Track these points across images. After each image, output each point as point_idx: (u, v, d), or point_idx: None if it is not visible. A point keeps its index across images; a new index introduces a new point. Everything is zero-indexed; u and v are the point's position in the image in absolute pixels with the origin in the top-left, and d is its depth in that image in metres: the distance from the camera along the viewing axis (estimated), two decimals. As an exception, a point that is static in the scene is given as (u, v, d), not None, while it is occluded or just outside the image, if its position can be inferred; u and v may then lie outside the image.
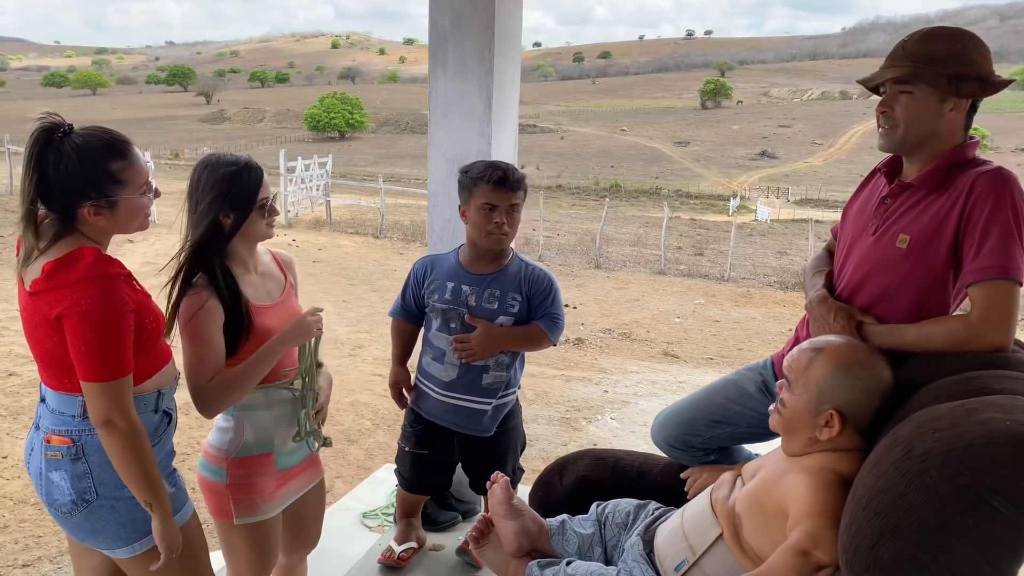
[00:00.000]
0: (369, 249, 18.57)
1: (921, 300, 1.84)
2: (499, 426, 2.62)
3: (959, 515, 1.25)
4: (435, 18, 2.85)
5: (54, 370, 1.79)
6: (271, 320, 2.18)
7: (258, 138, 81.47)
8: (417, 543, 2.88)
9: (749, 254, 22.38)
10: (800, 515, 1.54)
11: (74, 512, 1.81)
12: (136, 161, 1.79)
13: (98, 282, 1.68)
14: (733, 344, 11.53)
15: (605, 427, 7.01)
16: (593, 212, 29.55)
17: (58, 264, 1.69)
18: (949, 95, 1.80)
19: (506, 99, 2.93)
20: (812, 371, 1.65)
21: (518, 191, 2.45)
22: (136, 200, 1.80)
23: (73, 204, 1.73)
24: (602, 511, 2.02)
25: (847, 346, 1.69)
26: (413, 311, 2.68)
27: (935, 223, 1.80)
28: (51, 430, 1.81)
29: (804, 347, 1.71)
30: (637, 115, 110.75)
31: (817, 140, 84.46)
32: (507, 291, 2.49)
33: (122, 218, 1.79)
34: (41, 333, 1.75)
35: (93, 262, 1.70)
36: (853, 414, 1.62)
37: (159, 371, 1.89)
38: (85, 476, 1.79)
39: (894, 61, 1.86)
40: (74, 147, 1.71)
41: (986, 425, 1.31)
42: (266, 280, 2.25)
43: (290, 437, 2.27)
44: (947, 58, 1.79)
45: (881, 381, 1.64)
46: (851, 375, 1.63)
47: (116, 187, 1.75)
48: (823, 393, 1.63)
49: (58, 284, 1.68)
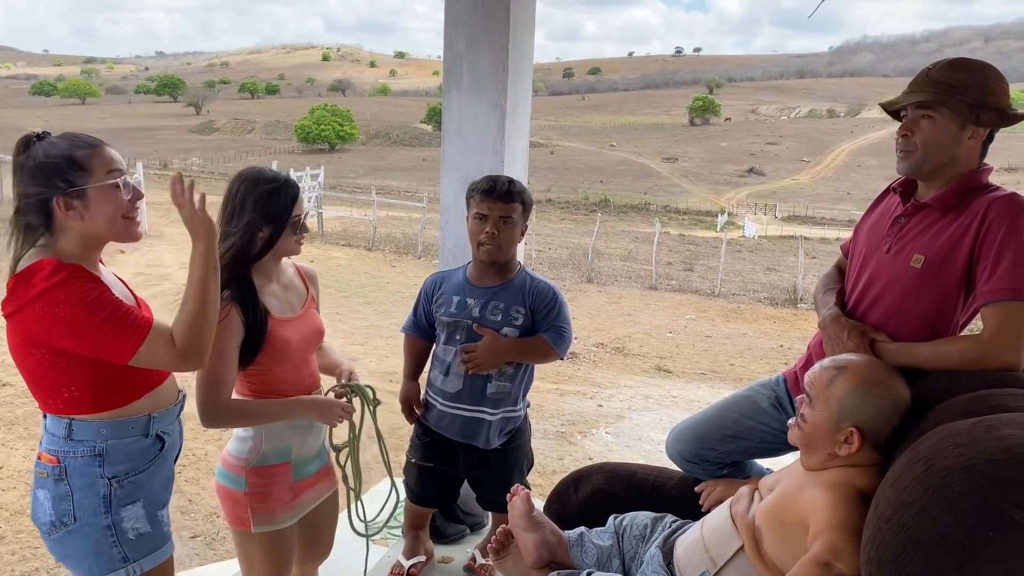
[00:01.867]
0: (361, 261, 18.57)
1: (933, 318, 1.90)
2: (506, 443, 2.65)
3: (981, 528, 1.29)
4: (450, 39, 2.91)
5: (40, 390, 1.79)
6: (291, 332, 2.21)
7: (247, 149, 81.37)
8: (425, 555, 2.90)
9: (738, 270, 22.50)
10: (820, 528, 1.57)
11: (53, 532, 1.81)
12: (102, 151, 1.78)
13: (60, 287, 1.66)
14: (725, 359, 11.59)
15: (600, 441, 7.03)
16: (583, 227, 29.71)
17: (18, 279, 1.68)
18: (969, 123, 1.86)
19: (518, 118, 2.99)
20: (834, 389, 1.70)
21: (510, 203, 2.46)
22: (106, 189, 1.76)
23: (45, 203, 1.73)
24: (620, 524, 2.05)
25: (868, 365, 1.74)
26: (424, 327, 2.71)
27: (950, 244, 1.86)
28: (44, 448, 1.82)
29: (826, 364, 1.76)
30: (626, 131, 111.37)
31: (804, 157, 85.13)
32: (511, 304, 2.53)
33: (95, 212, 1.74)
34: (23, 353, 1.74)
35: (52, 271, 1.67)
36: (872, 432, 1.67)
37: (151, 391, 1.88)
38: (66, 498, 1.78)
39: (918, 87, 1.92)
40: (44, 144, 1.75)
41: (1006, 441, 1.35)
42: (288, 293, 2.28)
43: (306, 447, 2.30)
44: (969, 87, 1.85)
45: (900, 400, 1.69)
46: (872, 394, 1.68)
47: (81, 174, 1.73)
48: (844, 410, 1.68)
49: (22, 301, 1.67)
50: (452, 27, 2.91)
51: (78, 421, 1.77)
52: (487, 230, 2.46)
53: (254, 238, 2.11)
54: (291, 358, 2.21)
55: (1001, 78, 1.89)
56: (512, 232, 2.50)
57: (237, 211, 2.11)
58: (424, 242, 20.58)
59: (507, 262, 2.58)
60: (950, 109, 1.86)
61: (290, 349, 2.21)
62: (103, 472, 1.79)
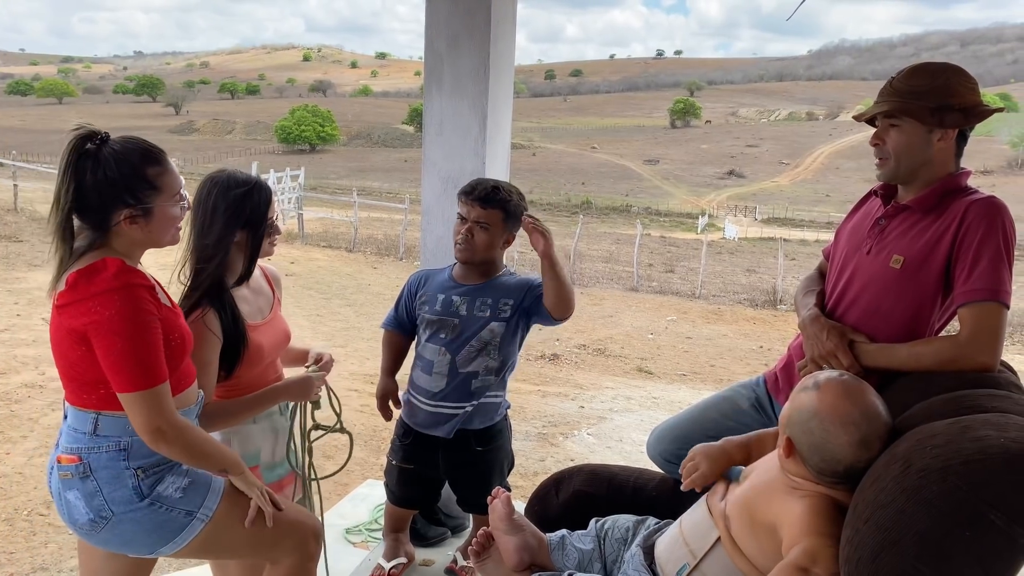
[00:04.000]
0: (342, 263, 18.48)
1: (911, 318, 1.92)
2: (485, 444, 2.64)
3: (957, 528, 1.31)
4: (431, 40, 2.90)
5: (75, 384, 1.79)
6: (262, 337, 2.21)
7: (228, 149, 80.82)
8: (406, 558, 2.89)
9: (719, 271, 22.64)
10: (797, 534, 1.58)
11: (96, 529, 1.80)
12: (171, 168, 1.81)
13: (122, 292, 1.68)
14: (705, 360, 11.65)
15: (582, 442, 7.04)
16: (565, 228, 29.75)
17: (80, 275, 1.70)
18: (934, 126, 1.90)
19: (499, 118, 2.99)
20: (799, 394, 1.69)
21: (487, 208, 2.44)
22: (170, 208, 1.80)
23: (109, 211, 1.73)
24: (601, 527, 2.05)
25: (836, 400, 1.63)
26: (405, 323, 2.70)
27: (929, 246, 1.88)
28: (65, 448, 1.81)
29: (819, 373, 1.73)
30: (608, 133, 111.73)
31: (784, 160, 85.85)
32: (499, 297, 2.53)
33: (156, 228, 1.79)
34: (66, 346, 1.74)
35: (116, 272, 1.70)
36: (804, 455, 1.65)
37: (183, 392, 1.88)
38: (96, 494, 1.78)
39: (882, 97, 1.96)
40: (112, 152, 1.72)
41: (981, 442, 1.37)
42: (258, 297, 2.28)
43: (274, 449, 2.29)
44: (929, 92, 1.89)
45: (838, 447, 1.62)
46: (810, 425, 1.64)
47: (152, 193, 1.76)
48: (791, 420, 1.68)
49: (82, 296, 1.69)
50: (433, 28, 2.90)
51: (106, 416, 1.77)
52: (461, 231, 2.47)
53: (229, 244, 2.11)
54: (262, 363, 2.22)
55: (966, 78, 1.92)
56: (487, 237, 2.47)
57: (210, 218, 2.10)
58: (406, 243, 20.52)
59: (490, 263, 2.57)
60: (913, 116, 1.90)
61: (262, 354, 2.22)
62: (128, 464, 1.79)
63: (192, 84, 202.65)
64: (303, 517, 2.07)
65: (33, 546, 4.36)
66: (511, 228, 2.52)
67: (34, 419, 6.28)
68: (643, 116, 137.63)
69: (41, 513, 4.65)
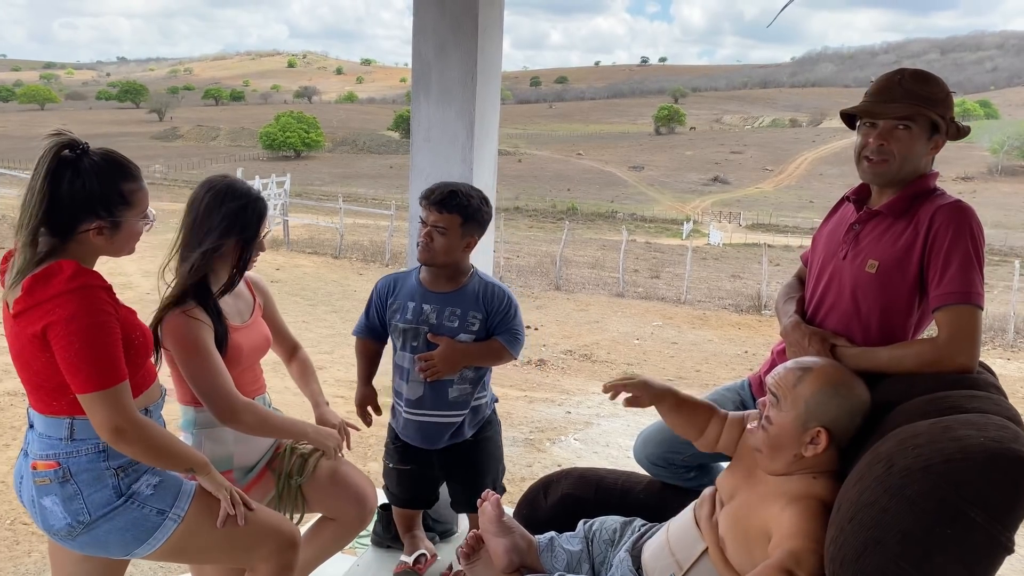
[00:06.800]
0: (328, 269, 18.44)
1: (888, 322, 1.95)
2: (476, 434, 2.67)
3: (939, 526, 1.33)
4: (419, 46, 2.92)
5: (43, 393, 1.78)
6: (242, 339, 2.24)
7: (212, 156, 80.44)
8: (427, 552, 2.88)
9: (704, 277, 22.74)
10: (783, 537, 1.60)
11: (73, 534, 1.81)
12: (144, 186, 1.83)
13: (79, 293, 1.68)
14: (691, 365, 11.70)
15: (569, 448, 7.06)
16: (551, 234, 29.85)
17: (36, 279, 1.69)
18: (937, 135, 1.93)
19: (487, 125, 3.00)
20: (801, 389, 1.72)
21: (442, 212, 2.42)
22: (137, 224, 1.83)
23: (77, 221, 1.74)
24: (589, 528, 2.07)
25: (832, 367, 1.77)
26: (377, 329, 2.68)
27: (902, 250, 1.92)
28: (38, 455, 1.81)
29: (790, 365, 1.79)
30: (593, 139, 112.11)
31: (768, 166, 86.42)
32: (468, 309, 2.53)
33: (120, 240, 1.81)
34: (29, 354, 1.74)
35: (72, 274, 1.70)
36: (838, 432, 1.69)
37: (146, 390, 1.90)
38: (76, 497, 1.79)
39: (890, 96, 1.94)
40: (92, 164, 1.73)
41: (962, 441, 1.40)
42: (238, 301, 2.31)
43: (247, 453, 2.31)
44: (939, 101, 1.91)
45: (863, 401, 1.73)
46: (838, 395, 1.71)
47: (124, 208, 1.78)
48: (811, 411, 1.69)
49: (39, 299, 1.68)
50: (420, 34, 2.92)
51: (80, 420, 1.77)
52: (421, 234, 2.47)
53: (221, 255, 2.14)
54: (240, 366, 2.23)
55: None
56: (445, 241, 2.44)
57: (207, 224, 2.11)
58: (392, 250, 20.50)
59: (456, 266, 2.55)
60: (922, 121, 1.91)
61: (241, 357, 2.23)
62: (108, 464, 1.80)
63: (176, 90, 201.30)
64: (279, 523, 2.07)
65: (16, 555, 4.32)
66: (471, 232, 2.50)
67: (16, 427, 6.23)
68: (628, 123, 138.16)
69: (24, 522, 4.61)
